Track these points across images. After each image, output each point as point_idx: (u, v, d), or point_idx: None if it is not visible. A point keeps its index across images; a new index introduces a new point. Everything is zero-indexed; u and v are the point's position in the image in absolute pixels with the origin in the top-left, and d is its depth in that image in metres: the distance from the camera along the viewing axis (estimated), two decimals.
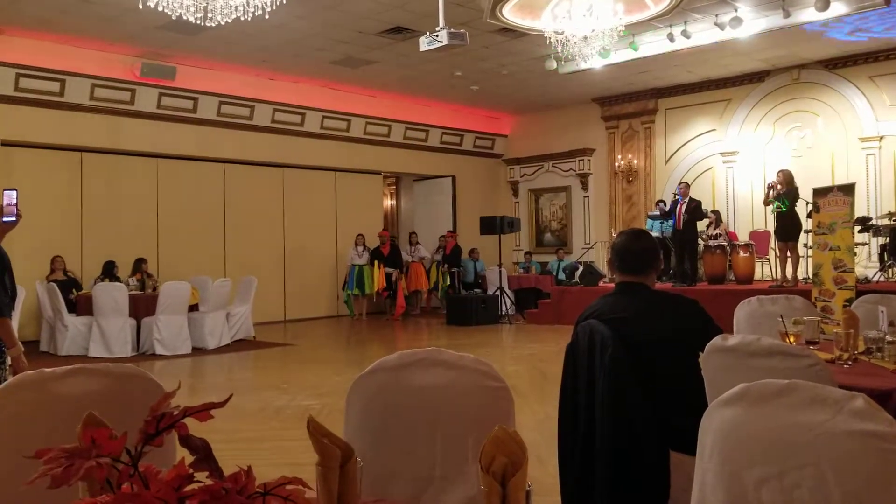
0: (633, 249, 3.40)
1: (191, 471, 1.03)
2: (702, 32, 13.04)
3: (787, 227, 12.46)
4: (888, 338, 3.61)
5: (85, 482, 1.10)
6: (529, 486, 1.30)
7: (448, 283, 17.74)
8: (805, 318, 4.12)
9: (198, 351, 12.00)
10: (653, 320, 3.21)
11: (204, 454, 1.08)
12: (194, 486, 1.02)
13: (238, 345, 12.73)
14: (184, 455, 1.11)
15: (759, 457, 1.87)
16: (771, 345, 2.89)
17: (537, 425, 6.61)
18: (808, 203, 11.95)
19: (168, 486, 0.95)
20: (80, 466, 0.95)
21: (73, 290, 12.38)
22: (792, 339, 3.82)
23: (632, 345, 3.08)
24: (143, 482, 0.97)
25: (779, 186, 12.41)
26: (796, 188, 12.37)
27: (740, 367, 2.77)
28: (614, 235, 3.55)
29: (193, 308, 12.33)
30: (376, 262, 16.78)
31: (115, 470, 1.00)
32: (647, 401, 3.03)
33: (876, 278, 12.78)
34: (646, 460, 2.99)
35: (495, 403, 2.34)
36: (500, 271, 16.52)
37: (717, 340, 2.95)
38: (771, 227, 13.64)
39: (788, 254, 12.70)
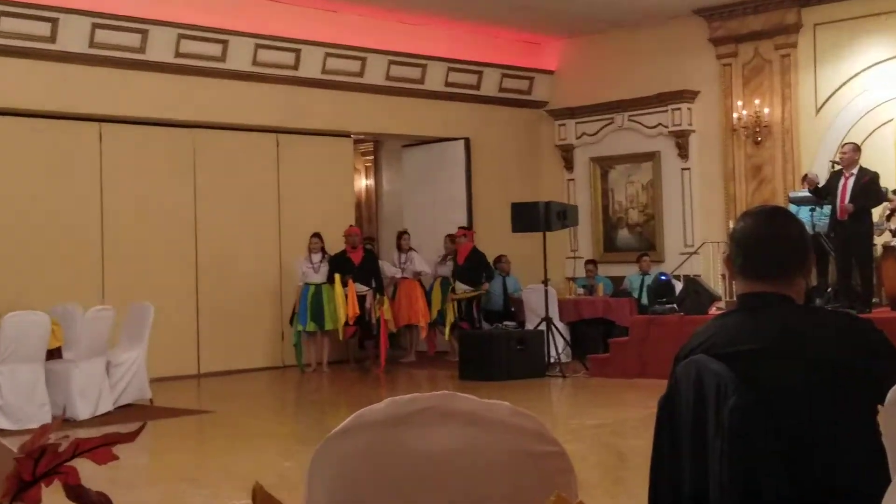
0: (766, 239, 2.87)
1: None
2: None
3: None
4: None
5: None
6: None
7: (460, 313, 15.23)
8: None
9: (62, 423, 9.73)
10: (801, 353, 2.76)
11: None
12: None
13: (126, 412, 11.64)
14: None
15: None
16: None
17: None
18: None
19: None
20: None
21: None
22: None
23: (767, 392, 2.71)
24: None
25: None
26: None
27: None
28: (732, 225, 3.13)
29: (54, 353, 11.27)
30: (338, 277, 14.26)
31: None
32: (790, 477, 2.66)
33: None
34: None
35: (546, 478, 1.97)
36: (547, 292, 14.36)
37: None
38: None
39: None
